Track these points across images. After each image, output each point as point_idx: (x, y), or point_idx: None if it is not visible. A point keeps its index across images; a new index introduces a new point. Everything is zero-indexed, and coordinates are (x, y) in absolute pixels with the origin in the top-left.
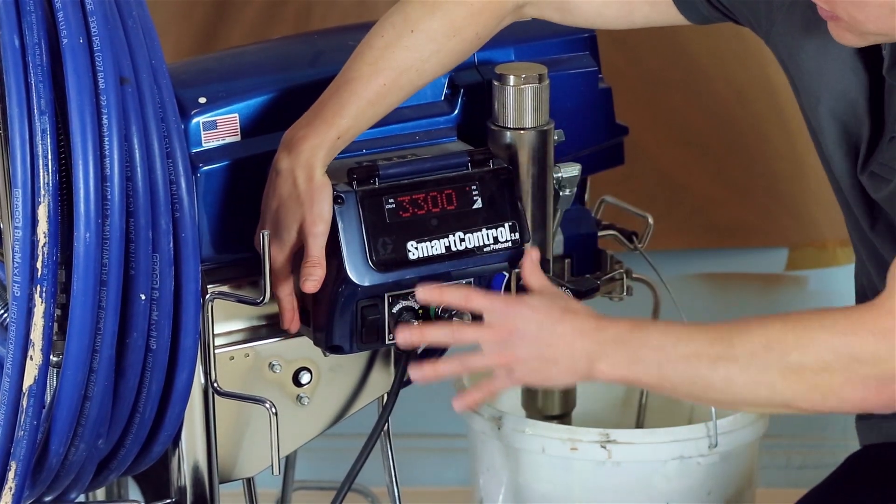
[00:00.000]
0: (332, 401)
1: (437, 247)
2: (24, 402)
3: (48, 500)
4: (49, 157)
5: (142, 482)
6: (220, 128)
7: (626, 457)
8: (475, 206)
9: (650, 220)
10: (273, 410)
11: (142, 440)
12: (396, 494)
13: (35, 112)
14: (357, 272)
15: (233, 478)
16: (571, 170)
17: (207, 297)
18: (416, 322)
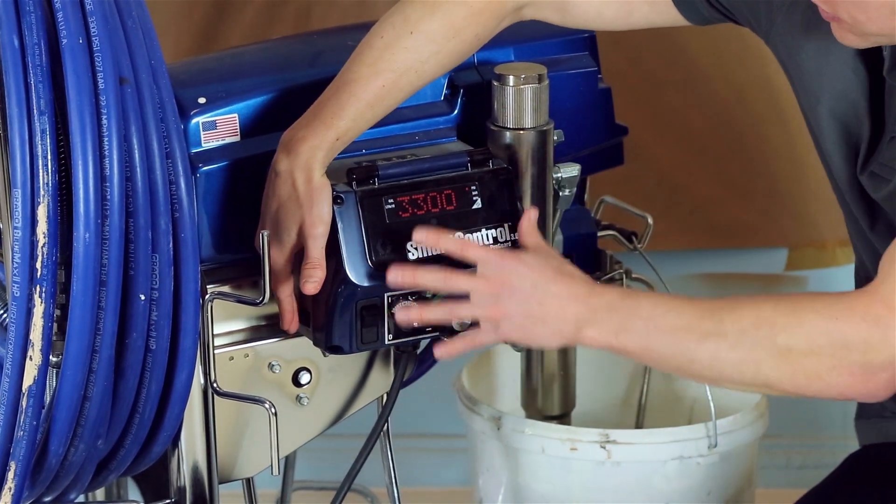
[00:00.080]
0: (332, 401)
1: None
2: (24, 403)
3: (47, 501)
4: (49, 158)
5: (141, 482)
6: (220, 128)
7: (626, 457)
8: (475, 207)
9: (650, 220)
10: (272, 411)
11: (141, 440)
12: (396, 494)
13: (34, 112)
14: (356, 272)
15: (232, 478)
16: (571, 170)
17: (207, 298)
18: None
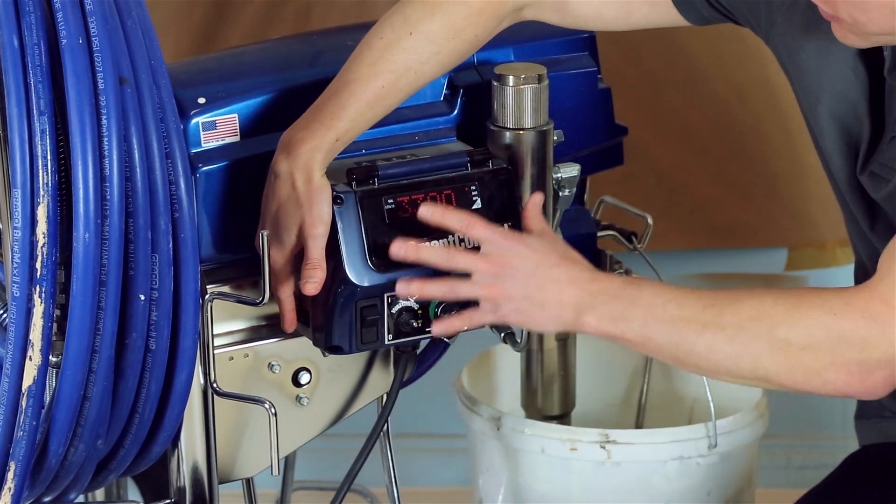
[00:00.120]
0: (332, 401)
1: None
2: (24, 403)
3: (47, 501)
4: (48, 158)
5: (141, 482)
6: (220, 128)
7: (626, 457)
8: (474, 207)
9: (649, 221)
10: (272, 411)
11: (141, 440)
12: (396, 495)
13: (34, 112)
14: (356, 272)
15: (232, 478)
16: (571, 170)
17: (207, 298)
18: (415, 322)
